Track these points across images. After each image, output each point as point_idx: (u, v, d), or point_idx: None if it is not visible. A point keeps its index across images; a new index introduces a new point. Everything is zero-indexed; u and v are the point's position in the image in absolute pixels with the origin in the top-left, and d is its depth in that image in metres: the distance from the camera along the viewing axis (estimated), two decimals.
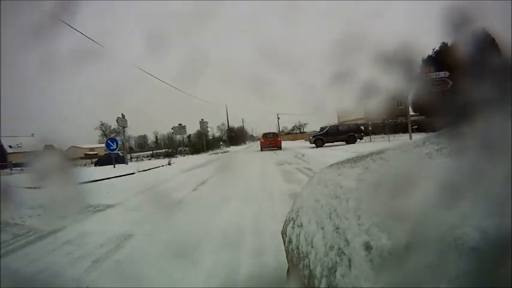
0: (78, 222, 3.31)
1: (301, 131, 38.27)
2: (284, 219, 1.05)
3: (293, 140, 30.49)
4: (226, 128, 33.58)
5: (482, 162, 0.47)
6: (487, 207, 0.40)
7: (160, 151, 22.77)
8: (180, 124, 22.66)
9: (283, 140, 25.54)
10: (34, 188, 5.49)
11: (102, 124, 32.22)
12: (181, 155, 19.93)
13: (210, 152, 21.24)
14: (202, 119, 25.26)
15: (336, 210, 0.69)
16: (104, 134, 31.91)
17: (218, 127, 35.00)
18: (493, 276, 0.35)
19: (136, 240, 2.60)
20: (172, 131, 23.00)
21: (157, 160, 15.87)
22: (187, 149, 22.08)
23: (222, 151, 21.26)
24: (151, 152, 23.50)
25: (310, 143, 15.64)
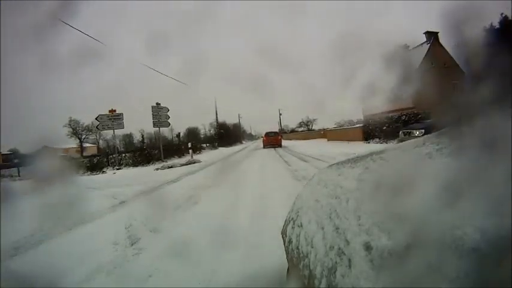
0: None
1: (309, 128, 30.73)
2: None
3: (304, 139, 22.26)
4: (219, 125, 26.88)
5: (482, 162, 0.47)
6: (487, 207, 0.40)
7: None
8: (112, 111, 12.90)
9: (289, 139, 24.74)
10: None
11: (72, 120, 25.51)
12: (114, 167, 11.88)
13: (171, 160, 12.73)
14: (158, 103, 14.09)
15: (336, 210, 0.69)
16: (74, 132, 26.03)
17: (210, 123, 28.52)
18: (494, 276, 0.35)
19: None
20: (98, 122, 13.06)
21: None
22: (127, 155, 13.55)
23: (186, 161, 11.22)
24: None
25: None
